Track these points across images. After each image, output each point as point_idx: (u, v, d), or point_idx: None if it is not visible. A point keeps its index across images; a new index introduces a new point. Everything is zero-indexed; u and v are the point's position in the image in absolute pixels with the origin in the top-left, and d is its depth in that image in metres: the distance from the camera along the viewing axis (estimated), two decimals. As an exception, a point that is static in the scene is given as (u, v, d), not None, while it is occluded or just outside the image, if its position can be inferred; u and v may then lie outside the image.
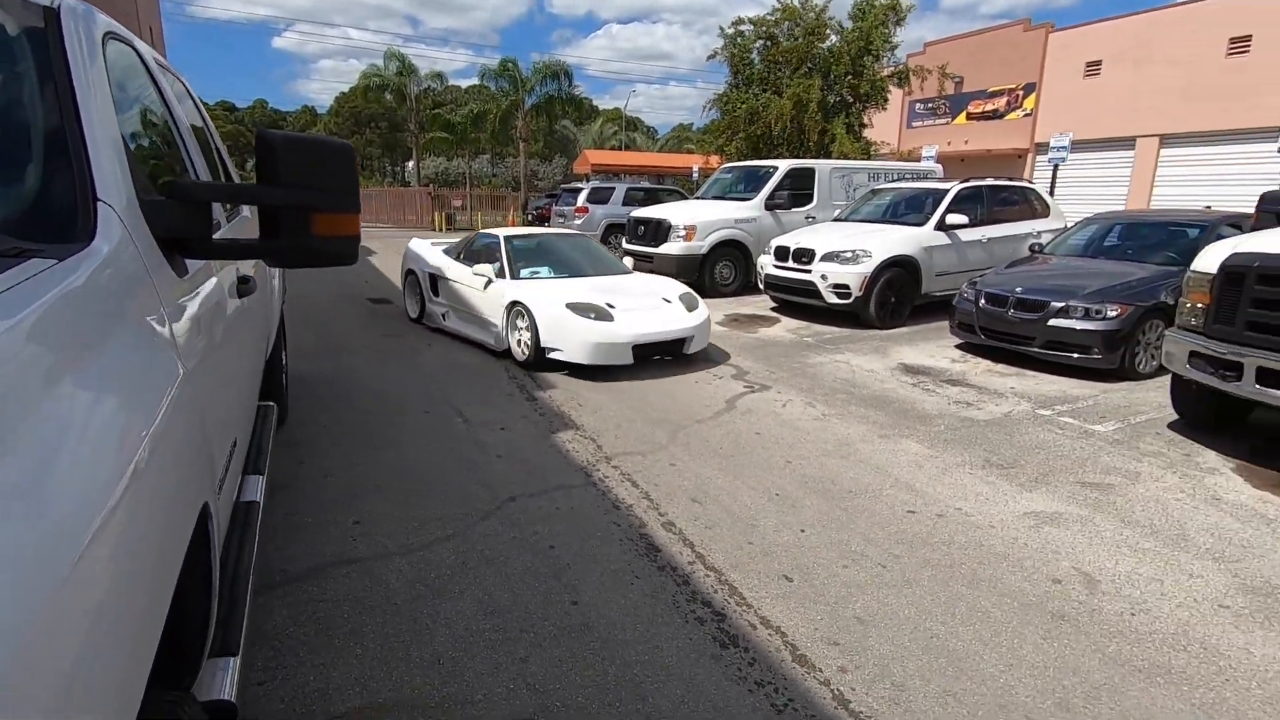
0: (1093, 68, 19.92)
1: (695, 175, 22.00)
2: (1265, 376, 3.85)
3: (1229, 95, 16.82)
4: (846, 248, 7.99)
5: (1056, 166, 12.70)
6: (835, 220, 9.69)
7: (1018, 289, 6.34)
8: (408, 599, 2.69)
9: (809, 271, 8.16)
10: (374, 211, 28.18)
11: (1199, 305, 4.24)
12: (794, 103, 16.70)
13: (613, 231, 15.00)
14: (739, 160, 15.44)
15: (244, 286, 2.22)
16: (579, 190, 16.07)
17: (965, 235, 8.45)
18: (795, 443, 4.45)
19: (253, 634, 2.40)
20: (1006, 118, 22.37)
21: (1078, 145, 15.39)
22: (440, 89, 35.00)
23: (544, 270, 6.65)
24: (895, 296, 8.04)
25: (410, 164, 38.85)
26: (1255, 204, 5.42)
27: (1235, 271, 4.00)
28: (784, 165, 10.78)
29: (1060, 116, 19.86)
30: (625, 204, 15.04)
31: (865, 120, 17.78)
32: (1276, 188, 5.98)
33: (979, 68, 22.34)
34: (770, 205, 10.35)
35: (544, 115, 28.67)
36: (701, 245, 9.89)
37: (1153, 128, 18.55)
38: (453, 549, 3.07)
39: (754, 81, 18.16)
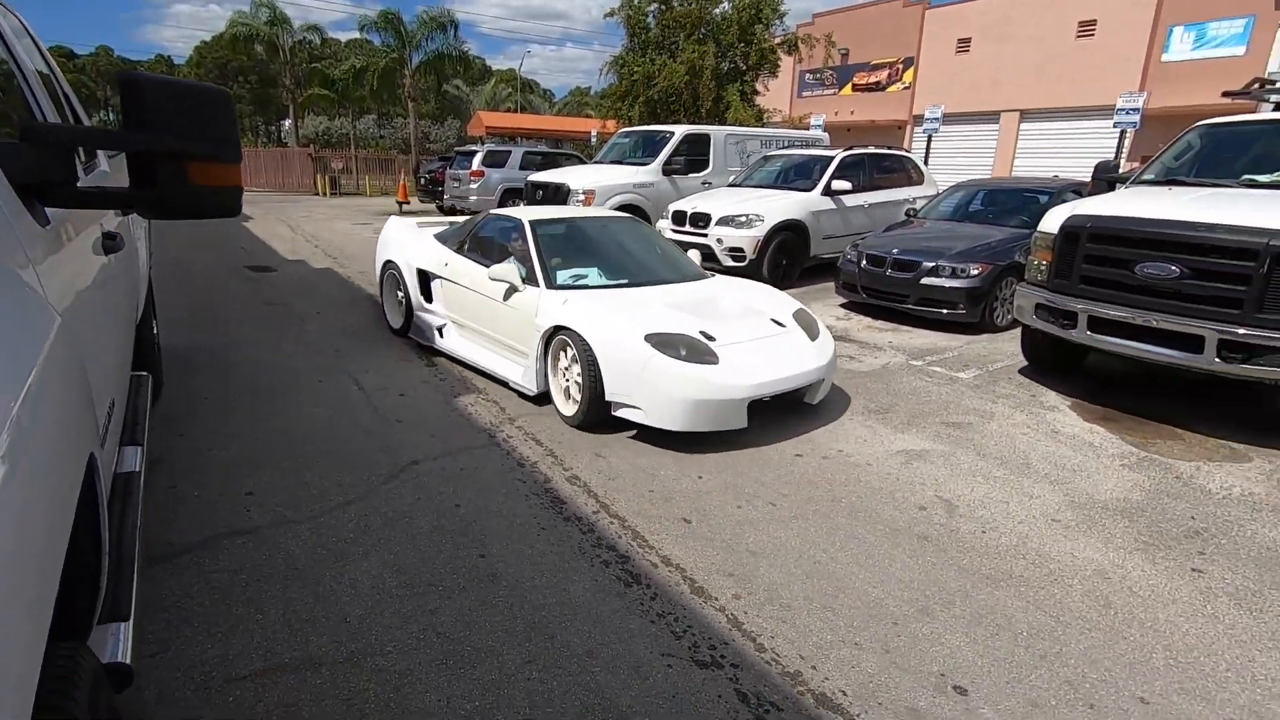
0: (963, 44, 21.26)
1: (593, 139, 21.80)
2: (1095, 324, 4.40)
3: (1078, 74, 18.48)
4: (740, 212, 8.26)
5: (930, 137, 13.58)
6: (730, 185, 9.96)
7: (894, 250, 6.82)
8: (309, 564, 2.65)
9: (705, 235, 8.38)
10: (249, 173, 26.05)
11: (1043, 262, 4.75)
12: (688, 68, 16.83)
13: (510, 196, 14.66)
14: (636, 125, 15.45)
15: (110, 243, 2.08)
16: (474, 153, 15.48)
17: (849, 201, 8.93)
18: (693, 398, 4.64)
19: (141, 607, 2.30)
20: (888, 90, 23.54)
21: (950, 118, 16.48)
22: (318, 42, 32.50)
23: (591, 273, 4.69)
24: (786, 259, 8.43)
25: (287, 123, 36.08)
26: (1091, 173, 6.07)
27: (1072, 231, 4.50)
28: (680, 131, 10.91)
29: (935, 90, 21.13)
30: (522, 168, 14.65)
31: (758, 88, 18.19)
32: (1109, 158, 6.73)
33: (863, 41, 23.31)
34: (667, 170, 10.48)
35: (432, 74, 27.29)
36: (601, 210, 9.89)
37: (1014, 103, 20.12)
38: (355, 513, 3.03)
39: (650, 45, 18.11)
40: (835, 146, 10.43)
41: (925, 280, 6.48)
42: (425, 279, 5.45)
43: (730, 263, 8.23)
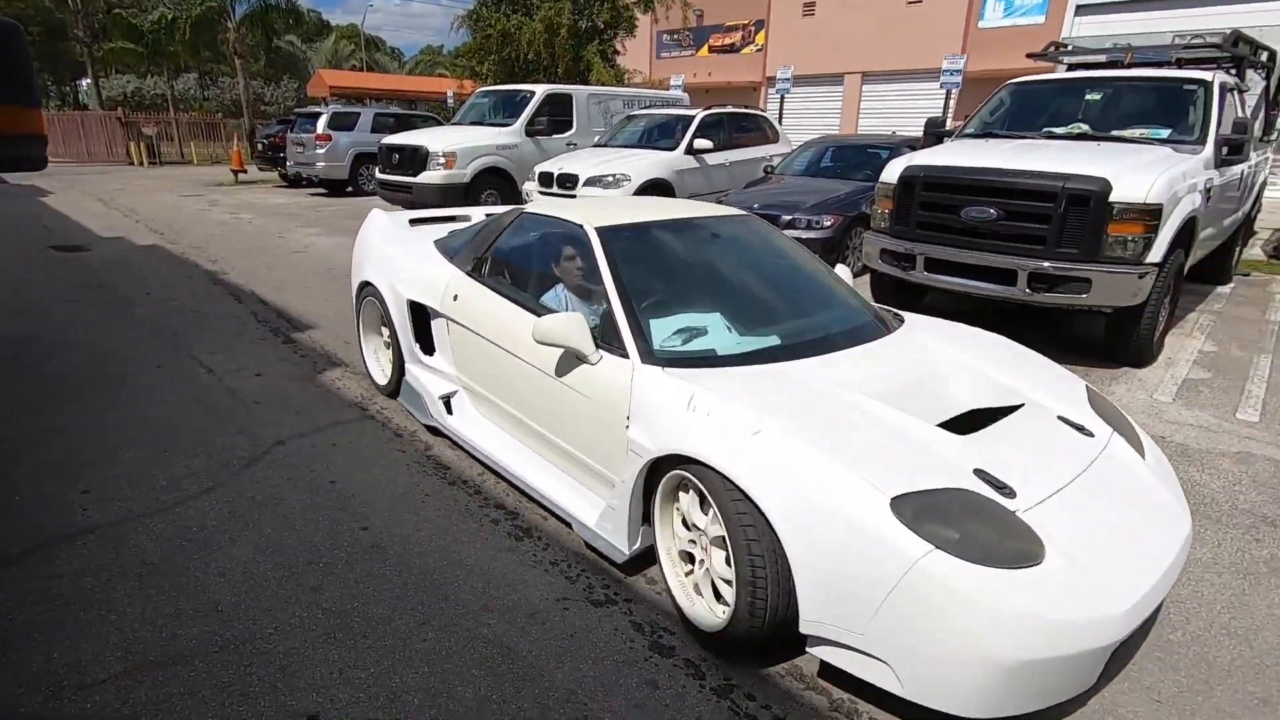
0: (809, 8, 22.17)
1: (450, 100, 20.78)
2: (930, 265, 4.87)
3: (909, 39, 19.89)
4: (608, 172, 8.28)
5: (783, 97, 14.14)
6: (595, 146, 9.92)
7: (755, 205, 7.12)
8: (168, 557, 2.45)
9: (574, 196, 8.33)
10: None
11: (885, 211, 5.17)
12: (545, 26, 16.39)
13: (363, 162, 13.75)
14: (493, 85, 14.91)
15: None
16: (317, 115, 14.27)
17: (711, 159, 9.19)
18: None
19: (-37, 625, 2.04)
20: (742, 52, 24.19)
21: (799, 80, 17.23)
22: (115, -13, 28.32)
23: (712, 325, 2.66)
24: (655, 218, 8.56)
25: (85, 82, 31.37)
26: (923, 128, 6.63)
27: (908, 180, 4.92)
28: (541, 90, 10.67)
29: (785, 52, 21.96)
30: (374, 131, 13.70)
31: (617, 48, 18.07)
32: (938, 115, 7.37)
33: (717, 3, 23.68)
34: (531, 131, 10.25)
35: (259, 27, 24.70)
36: (464, 173, 9.54)
37: (856, 65, 21.35)
38: (216, 500, 2.82)
39: (505, 0, 17.41)
40: (695, 107, 10.63)
41: (785, 232, 6.83)
42: (422, 314, 3.51)
43: (600, 223, 8.25)
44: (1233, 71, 5.91)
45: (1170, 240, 4.29)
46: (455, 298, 3.19)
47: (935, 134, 6.12)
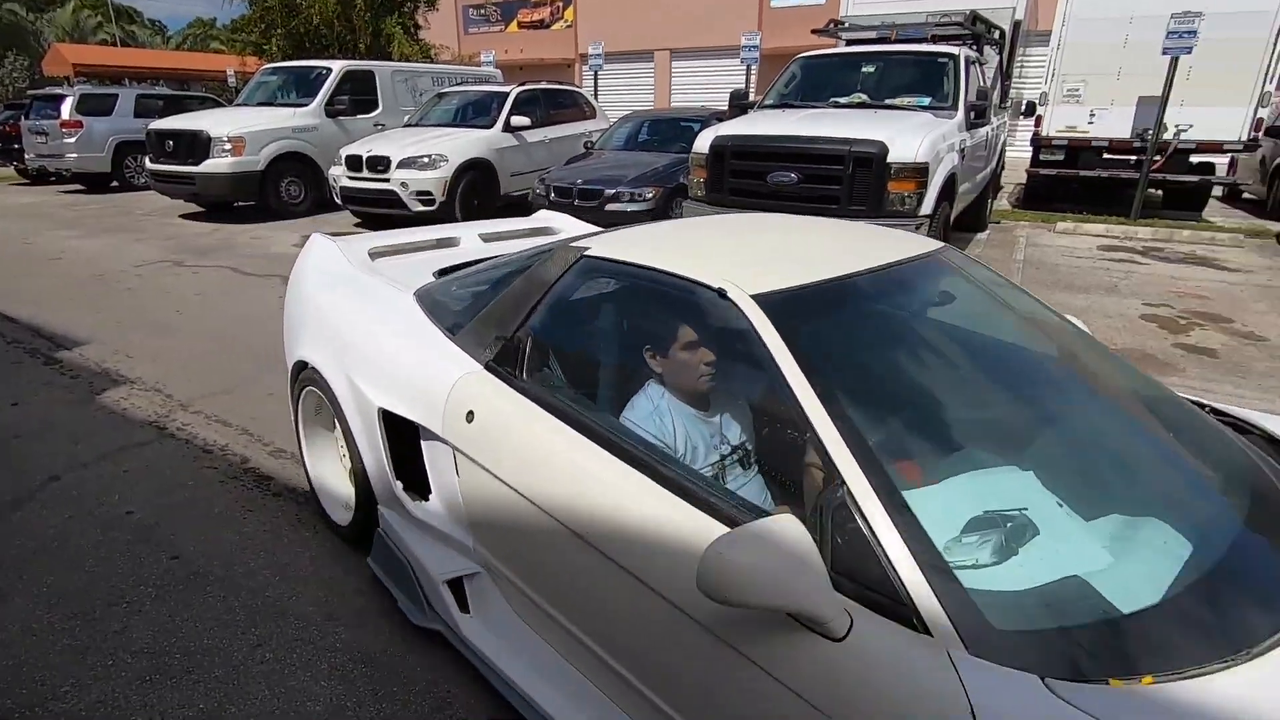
0: (615, -16, 22.40)
1: (232, 79, 18.57)
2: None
3: (711, 17, 20.83)
4: (422, 153, 7.89)
5: (596, 73, 14.22)
6: (406, 125, 9.40)
7: (578, 181, 7.16)
8: (-88, 631, 2.03)
9: (388, 180, 7.85)
10: None
11: (700, 179, 5.43)
12: (338, -2, 15.12)
13: (129, 151, 11.94)
14: (282, 61, 13.54)
15: None
16: (60, 98, 12.10)
17: (530, 136, 9.06)
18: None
19: None
20: (552, 28, 23.95)
21: (611, 56, 17.42)
22: None
23: (1029, 508, 1.21)
24: (478, 199, 8.32)
25: None
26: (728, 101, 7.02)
27: (718, 150, 5.20)
28: (338, 67, 9.86)
29: (595, 29, 22.07)
30: (139, 115, 11.89)
31: (420, 22, 17.12)
32: (741, 88, 7.84)
33: (521, -25, 23.18)
34: (332, 111, 9.46)
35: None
36: (256, 160, 8.63)
37: (664, 43, 22.01)
38: (-27, 555, 2.37)
39: (283, -32, 15.76)
40: (509, 84, 10.40)
41: (609, 206, 6.95)
42: (404, 431, 1.99)
43: (420, 207, 7.87)
44: (974, 47, 6.85)
45: (937, 194, 4.92)
46: (470, 416, 1.72)
47: (739, 106, 6.50)
